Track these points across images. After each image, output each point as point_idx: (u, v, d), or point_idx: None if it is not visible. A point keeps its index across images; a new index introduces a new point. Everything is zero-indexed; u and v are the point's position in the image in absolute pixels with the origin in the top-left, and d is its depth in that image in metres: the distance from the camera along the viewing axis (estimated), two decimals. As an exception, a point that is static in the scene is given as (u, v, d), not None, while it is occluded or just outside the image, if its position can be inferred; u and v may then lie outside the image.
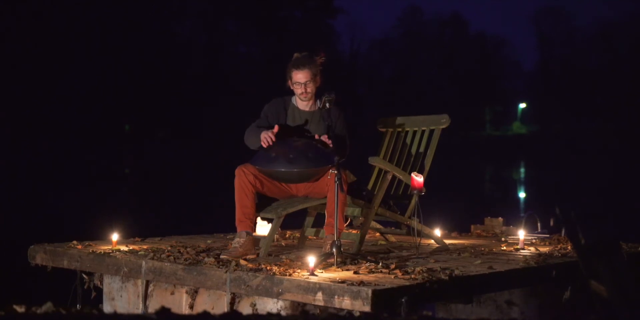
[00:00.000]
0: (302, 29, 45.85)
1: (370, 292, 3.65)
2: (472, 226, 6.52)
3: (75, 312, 2.52)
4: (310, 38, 43.08)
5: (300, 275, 4.02)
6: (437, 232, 5.44)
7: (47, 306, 2.47)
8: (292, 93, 5.00)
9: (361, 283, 3.78)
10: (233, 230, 4.79)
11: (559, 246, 5.41)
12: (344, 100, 4.98)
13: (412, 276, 3.99)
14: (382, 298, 3.67)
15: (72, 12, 36.40)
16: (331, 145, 4.62)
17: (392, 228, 5.62)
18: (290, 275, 4.02)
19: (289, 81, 4.93)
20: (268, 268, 4.16)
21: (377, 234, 5.86)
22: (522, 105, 56.83)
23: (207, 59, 42.17)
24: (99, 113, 35.88)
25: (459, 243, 5.66)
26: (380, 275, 4.08)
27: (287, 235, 5.92)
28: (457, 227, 6.62)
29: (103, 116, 35.91)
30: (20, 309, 2.42)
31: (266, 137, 4.70)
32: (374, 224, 5.37)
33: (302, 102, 4.97)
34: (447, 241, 5.51)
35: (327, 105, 4.65)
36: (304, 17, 47.50)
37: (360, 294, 3.67)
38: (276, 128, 4.76)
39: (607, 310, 2.96)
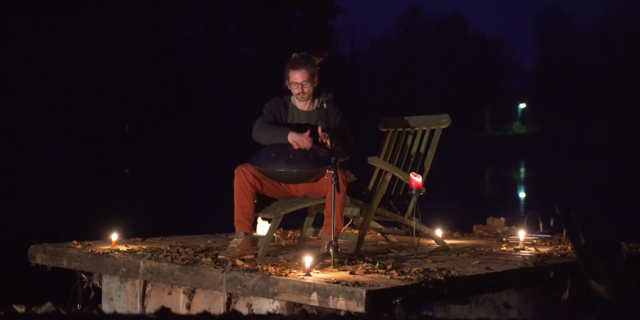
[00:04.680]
0: (302, 29, 45.85)
1: (364, 292, 3.64)
2: (474, 226, 6.51)
3: (75, 312, 2.52)
4: (310, 38, 43.08)
5: (296, 275, 4.02)
6: (439, 232, 5.44)
7: (47, 306, 2.47)
8: (290, 93, 4.99)
9: (356, 283, 3.77)
10: (234, 230, 4.79)
11: (559, 246, 5.40)
12: (344, 100, 4.98)
13: (408, 277, 3.98)
14: (376, 299, 3.66)
15: (73, 12, 36.39)
16: (329, 144, 4.57)
17: (395, 228, 5.61)
18: (286, 275, 4.01)
19: (287, 81, 4.91)
20: (264, 268, 4.15)
21: (379, 234, 5.86)
22: (522, 105, 56.86)
23: (207, 59, 42.16)
24: (99, 113, 35.88)
25: (460, 243, 5.65)
26: (376, 275, 4.07)
27: (288, 236, 5.92)
28: (460, 227, 6.61)
29: (103, 116, 35.91)
30: (20, 309, 2.42)
31: (302, 142, 4.64)
32: (374, 224, 5.37)
33: (300, 102, 4.96)
34: (449, 241, 5.51)
35: (325, 105, 4.62)
36: (304, 17, 47.49)
37: (354, 294, 3.66)
38: (307, 132, 4.69)
39: (607, 310, 2.96)
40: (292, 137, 4.68)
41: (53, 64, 34.99)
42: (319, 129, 4.72)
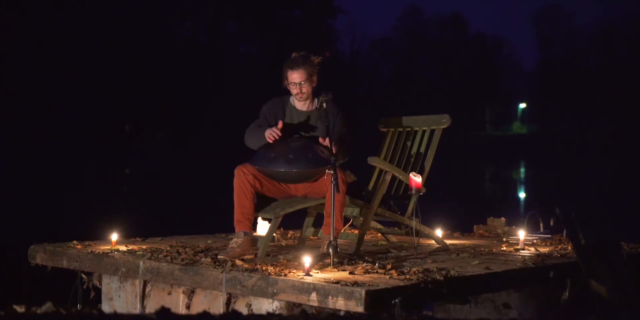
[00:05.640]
0: (302, 29, 45.85)
1: (363, 292, 3.64)
2: (475, 226, 6.51)
3: (75, 312, 2.52)
4: (311, 38, 43.07)
5: (296, 275, 4.02)
6: (439, 232, 5.43)
7: (47, 306, 2.47)
8: (290, 93, 4.99)
9: (355, 283, 3.77)
10: (234, 230, 4.79)
11: (559, 246, 5.40)
12: (344, 100, 4.98)
13: (408, 277, 3.98)
14: (375, 298, 3.66)
15: (73, 12, 36.38)
16: (334, 151, 4.56)
17: (395, 228, 5.61)
18: (285, 275, 4.01)
19: (285, 81, 4.92)
20: (264, 268, 4.16)
21: (379, 234, 5.86)
22: (522, 105, 56.85)
23: (207, 59, 42.14)
24: (99, 113, 35.86)
25: (460, 243, 5.65)
26: (375, 275, 4.07)
27: (288, 236, 5.92)
28: (460, 227, 6.61)
29: (103, 116, 35.89)
30: (20, 309, 2.42)
31: (272, 133, 4.71)
32: (374, 224, 5.37)
33: (299, 102, 4.97)
34: (449, 241, 5.51)
35: (324, 105, 4.62)
36: (304, 17, 47.48)
37: (353, 294, 3.66)
38: (280, 123, 4.76)
39: (607, 310, 2.96)
40: (266, 133, 4.72)
41: (53, 64, 34.96)
42: (320, 139, 4.73)
